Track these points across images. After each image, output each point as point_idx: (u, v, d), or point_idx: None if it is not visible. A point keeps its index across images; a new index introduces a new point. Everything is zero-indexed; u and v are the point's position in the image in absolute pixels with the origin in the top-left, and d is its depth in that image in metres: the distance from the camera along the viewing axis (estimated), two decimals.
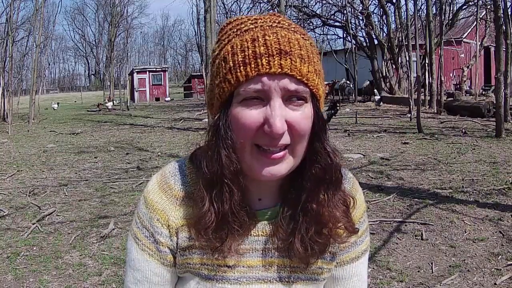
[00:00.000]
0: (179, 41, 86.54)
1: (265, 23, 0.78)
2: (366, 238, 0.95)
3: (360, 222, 0.92)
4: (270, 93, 0.74)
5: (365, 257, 0.95)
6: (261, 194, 0.85)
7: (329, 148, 0.81)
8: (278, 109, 0.73)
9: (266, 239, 0.85)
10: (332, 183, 0.82)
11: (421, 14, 19.76)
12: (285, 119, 0.74)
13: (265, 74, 0.73)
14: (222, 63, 0.77)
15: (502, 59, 9.76)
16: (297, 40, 0.76)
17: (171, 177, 0.86)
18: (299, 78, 0.74)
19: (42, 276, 3.57)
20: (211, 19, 11.19)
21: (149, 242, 0.86)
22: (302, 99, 0.76)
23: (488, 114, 12.63)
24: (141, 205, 0.87)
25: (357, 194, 0.92)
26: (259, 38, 0.74)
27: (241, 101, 0.75)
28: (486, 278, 3.30)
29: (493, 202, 4.96)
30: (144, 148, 10.23)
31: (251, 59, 0.73)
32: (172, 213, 0.84)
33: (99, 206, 5.49)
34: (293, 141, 0.77)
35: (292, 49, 0.74)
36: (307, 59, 0.75)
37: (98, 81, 61.27)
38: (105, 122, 17.59)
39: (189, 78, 37.84)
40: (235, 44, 0.76)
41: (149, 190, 0.87)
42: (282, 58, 0.73)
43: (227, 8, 24.30)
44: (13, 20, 20.49)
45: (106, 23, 39.49)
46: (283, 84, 0.74)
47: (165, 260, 0.86)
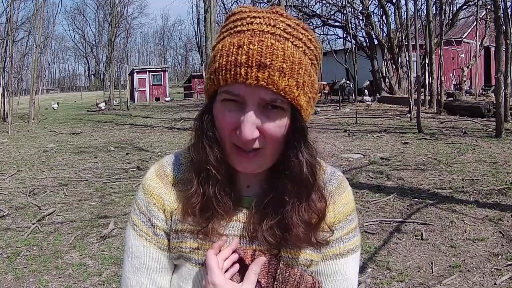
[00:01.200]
0: (179, 41, 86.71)
1: (260, 25, 0.78)
2: (354, 238, 0.93)
3: (347, 219, 0.92)
4: (246, 100, 0.77)
5: (352, 256, 0.93)
6: (249, 182, 0.89)
7: (303, 158, 0.82)
8: (250, 117, 0.77)
9: (244, 225, 0.87)
10: (298, 193, 0.83)
11: (421, 14, 19.76)
12: (258, 126, 0.78)
13: (242, 83, 0.75)
14: (213, 60, 0.80)
15: (502, 59, 9.75)
16: (283, 50, 0.76)
17: (168, 166, 0.92)
18: (275, 91, 0.76)
19: (42, 276, 3.57)
20: (211, 19, 11.20)
21: (146, 227, 0.89)
22: (279, 108, 0.78)
23: (488, 114, 12.63)
24: (139, 192, 0.92)
25: (344, 193, 0.93)
26: (244, 46, 0.76)
27: (222, 100, 0.80)
28: (486, 278, 3.30)
29: (493, 202, 4.96)
30: (144, 148, 10.23)
31: (232, 67, 0.76)
32: (167, 197, 0.89)
33: (99, 206, 5.49)
34: (264, 145, 0.80)
35: (273, 62, 0.75)
36: (289, 72, 0.76)
37: (98, 81, 61.26)
38: (105, 122, 17.59)
39: (189, 78, 37.82)
40: (225, 45, 0.79)
41: (147, 177, 0.93)
42: (260, 71, 0.75)
43: (227, 8, 24.32)
44: (13, 20, 20.49)
45: (106, 23, 39.47)
46: (259, 95, 0.77)
47: (161, 245, 0.90)
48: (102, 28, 51.46)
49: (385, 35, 22.02)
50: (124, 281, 0.93)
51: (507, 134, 9.39)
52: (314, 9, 24.12)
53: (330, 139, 9.91)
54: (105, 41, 39.86)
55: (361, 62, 22.60)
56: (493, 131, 9.65)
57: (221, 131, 0.81)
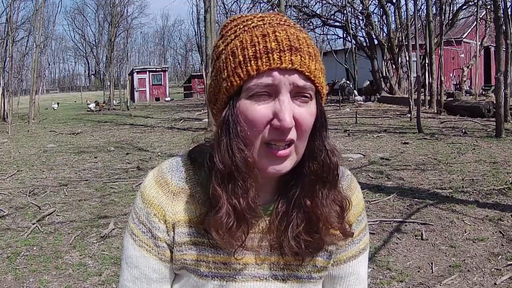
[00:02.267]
0: (179, 41, 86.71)
1: (273, 21, 0.80)
2: (365, 237, 0.94)
3: (358, 220, 0.92)
4: (280, 87, 0.75)
5: (363, 256, 0.94)
6: (261, 189, 0.83)
7: (329, 147, 0.83)
8: (288, 103, 0.75)
9: (261, 236, 0.85)
10: (328, 181, 0.82)
11: (421, 14, 19.75)
12: (293, 115, 0.75)
13: (276, 69, 0.74)
14: (230, 58, 0.77)
15: (502, 59, 9.75)
16: (304, 39, 0.78)
17: (168, 173, 0.86)
18: (307, 75, 0.76)
19: (42, 276, 3.57)
20: (211, 19, 11.20)
21: (146, 237, 0.85)
22: (308, 95, 0.78)
23: (488, 114, 12.63)
24: (138, 201, 0.87)
25: (355, 193, 0.92)
26: (270, 34, 0.76)
27: (250, 96, 0.76)
28: (486, 278, 3.30)
29: (493, 202, 4.96)
30: (144, 148, 10.23)
31: (263, 54, 0.75)
32: (168, 208, 0.84)
33: (99, 206, 5.49)
34: (297, 138, 0.78)
35: (302, 46, 0.76)
36: (315, 57, 0.78)
37: (98, 81, 61.23)
38: (105, 122, 17.59)
39: (189, 78, 37.83)
40: (244, 39, 0.77)
41: (146, 185, 0.87)
42: (293, 54, 0.75)
43: (227, 8, 24.32)
44: (13, 20, 20.50)
45: (106, 23, 39.44)
46: (293, 80, 0.75)
47: (163, 256, 0.86)
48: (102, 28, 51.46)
49: (385, 35, 22.01)
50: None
51: (507, 134, 9.39)
52: (314, 9, 24.12)
53: (330, 139, 9.89)
54: (105, 41, 39.87)
55: (361, 62, 22.61)
56: (493, 131, 9.64)
57: (252, 129, 0.75)
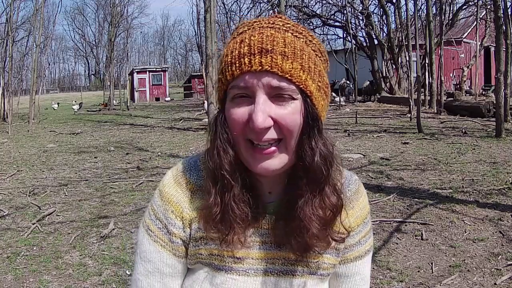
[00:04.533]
0: (179, 41, 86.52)
1: (259, 24, 0.82)
2: (370, 238, 0.97)
3: (364, 223, 0.95)
4: (254, 90, 0.77)
5: (368, 256, 0.98)
6: (271, 188, 0.88)
7: (317, 146, 0.81)
8: (261, 104, 0.76)
9: (267, 233, 0.88)
10: (311, 184, 0.81)
11: (421, 14, 19.76)
12: (271, 115, 0.77)
13: (247, 72, 0.77)
14: (219, 65, 0.83)
15: (502, 59, 9.75)
16: (283, 38, 0.78)
17: (186, 172, 0.90)
18: (281, 75, 0.76)
19: (42, 276, 3.57)
20: (211, 19, 11.19)
21: (162, 233, 0.89)
22: (287, 95, 0.78)
23: (488, 114, 12.63)
24: (156, 198, 0.91)
25: (362, 197, 0.95)
26: (246, 39, 0.78)
27: (231, 99, 0.80)
28: (486, 278, 3.30)
29: (493, 202, 4.96)
30: (144, 148, 10.23)
31: (236, 59, 0.78)
32: (186, 205, 0.88)
33: (99, 206, 5.49)
34: (284, 137, 0.79)
35: (275, 47, 0.77)
36: (292, 56, 0.77)
37: (98, 81, 61.19)
38: (105, 122, 17.59)
39: (189, 78, 37.83)
40: (229, 46, 0.81)
41: (165, 183, 0.90)
42: (263, 56, 0.76)
43: (227, 8, 24.28)
44: (13, 20, 20.49)
45: (106, 23, 39.40)
46: (266, 81, 0.76)
47: (177, 251, 0.89)
48: (102, 28, 51.38)
49: (385, 35, 22.02)
50: (135, 283, 0.93)
51: (507, 134, 9.39)
52: (314, 9, 24.14)
53: (325, 140, 9.89)
54: (105, 41, 39.82)
55: (361, 62, 22.59)
56: (493, 131, 9.64)
57: (233, 128, 0.79)
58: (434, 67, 15.83)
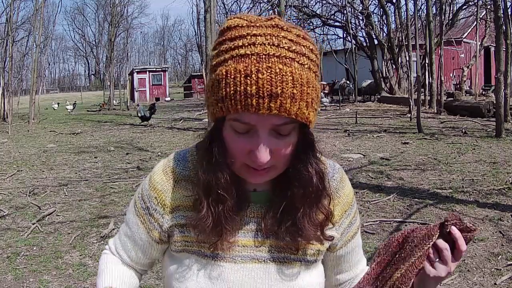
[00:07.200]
0: (179, 41, 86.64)
1: (264, 47, 0.75)
2: (357, 214, 1.04)
3: (351, 206, 1.00)
4: (258, 127, 0.78)
5: (359, 230, 1.06)
6: (256, 186, 0.92)
7: (313, 170, 0.86)
8: (264, 141, 0.79)
9: (259, 221, 0.91)
10: (309, 201, 0.87)
11: (421, 14, 19.76)
12: (270, 148, 0.80)
13: (254, 113, 0.76)
14: (216, 85, 0.78)
15: (502, 59, 9.75)
16: (291, 75, 0.75)
17: (175, 162, 0.96)
18: (288, 116, 0.77)
19: (42, 276, 3.57)
20: (211, 19, 11.19)
21: (144, 212, 0.97)
22: (288, 131, 0.80)
23: (488, 114, 12.63)
24: (146, 182, 0.98)
25: (347, 184, 1.00)
26: (252, 75, 0.74)
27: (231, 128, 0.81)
28: (486, 278, 3.30)
29: (493, 202, 4.96)
30: (144, 148, 10.23)
31: (242, 97, 0.74)
32: (169, 194, 0.94)
33: (99, 206, 5.49)
34: (275, 162, 0.82)
35: (284, 89, 0.74)
36: (299, 96, 0.76)
37: (98, 81, 61.15)
38: (105, 122, 17.59)
39: (189, 78, 37.81)
40: (229, 71, 0.76)
41: (155, 171, 0.97)
42: (272, 101, 0.74)
43: (227, 8, 24.31)
44: (13, 20, 20.49)
45: (106, 23, 39.29)
46: (271, 121, 0.78)
47: (150, 231, 0.96)
48: (102, 28, 51.24)
49: (385, 35, 22.02)
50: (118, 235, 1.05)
51: (507, 134, 9.39)
52: (314, 9, 24.12)
53: (330, 139, 9.90)
54: (105, 41, 39.73)
55: (361, 62, 22.58)
56: (493, 131, 9.64)
57: (233, 156, 0.82)
58: (434, 67, 15.83)
